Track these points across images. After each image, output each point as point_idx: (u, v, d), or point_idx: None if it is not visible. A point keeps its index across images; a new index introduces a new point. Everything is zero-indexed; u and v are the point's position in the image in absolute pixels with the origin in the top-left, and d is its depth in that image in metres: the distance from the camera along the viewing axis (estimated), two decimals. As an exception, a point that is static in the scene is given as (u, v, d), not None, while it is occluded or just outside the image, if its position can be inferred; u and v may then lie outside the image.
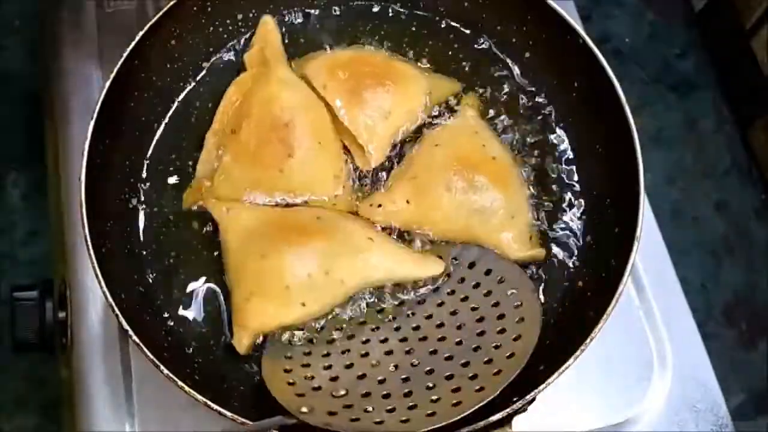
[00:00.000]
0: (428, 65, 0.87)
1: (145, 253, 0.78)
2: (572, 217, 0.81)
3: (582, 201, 0.81)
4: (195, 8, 0.82)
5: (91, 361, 0.81)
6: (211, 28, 0.84)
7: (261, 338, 0.73)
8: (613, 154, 0.79)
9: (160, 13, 0.78)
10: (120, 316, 0.68)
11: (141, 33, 0.77)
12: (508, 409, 0.67)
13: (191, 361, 0.72)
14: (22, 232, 1.17)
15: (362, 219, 0.79)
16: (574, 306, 0.76)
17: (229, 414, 0.65)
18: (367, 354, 0.72)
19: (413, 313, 0.75)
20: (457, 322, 0.73)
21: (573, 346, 0.69)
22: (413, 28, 0.89)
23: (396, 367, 0.71)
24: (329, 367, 0.71)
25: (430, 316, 0.74)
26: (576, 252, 0.79)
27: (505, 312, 0.72)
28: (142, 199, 0.80)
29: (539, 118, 0.85)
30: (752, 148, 1.29)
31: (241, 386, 0.73)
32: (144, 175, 0.81)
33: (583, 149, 0.82)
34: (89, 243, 0.70)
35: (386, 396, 0.68)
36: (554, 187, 0.82)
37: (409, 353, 0.71)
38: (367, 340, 0.73)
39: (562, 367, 0.68)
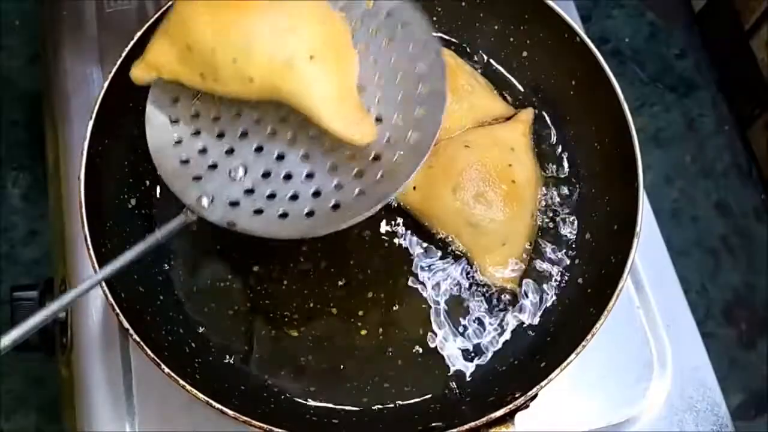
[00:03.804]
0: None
1: (145, 253, 0.78)
2: (571, 215, 0.81)
3: (581, 199, 0.81)
4: (195, 8, 0.82)
5: (91, 361, 0.81)
6: (211, 28, 0.84)
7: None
8: (613, 153, 0.79)
9: (159, 13, 0.78)
10: (120, 315, 0.68)
11: (139, 33, 0.77)
12: (510, 406, 0.67)
13: (191, 360, 0.72)
14: (22, 232, 1.17)
15: (339, 23, 0.67)
16: (574, 303, 0.77)
17: (230, 412, 0.65)
18: (259, 122, 0.68)
19: None
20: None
21: (574, 343, 0.69)
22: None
23: (294, 139, 0.67)
24: (222, 135, 0.68)
25: None
26: (575, 249, 0.80)
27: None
28: (142, 199, 0.80)
29: (537, 117, 0.85)
30: (752, 148, 1.29)
31: (241, 385, 0.73)
32: (144, 175, 0.81)
33: (583, 148, 0.82)
34: (89, 243, 0.70)
35: (288, 177, 0.66)
36: (552, 185, 0.82)
37: None
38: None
39: (564, 363, 0.68)
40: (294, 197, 0.65)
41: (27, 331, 0.59)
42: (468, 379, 0.75)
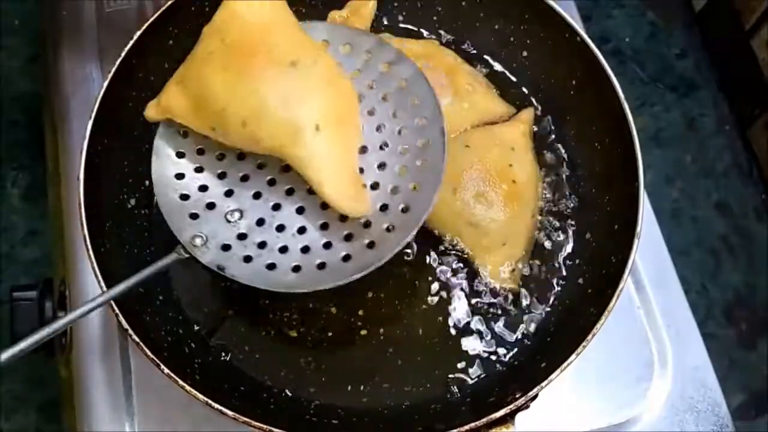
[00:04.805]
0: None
1: (145, 253, 0.78)
2: (571, 215, 0.81)
3: (581, 199, 0.81)
4: (192, 8, 0.82)
5: (91, 361, 0.81)
6: (210, 28, 0.84)
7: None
8: (613, 153, 0.79)
9: (158, 14, 0.78)
10: (120, 315, 0.68)
11: (138, 33, 0.77)
12: (511, 406, 0.67)
13: (191, 361, 0.72)
14: (22, 232, 1.17)
15: (348, 90, 0.68)
16: (574, 303, 0.76)
17: (230, 413, 0.65)
18: (261, 167, 0.70)
19: None
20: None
21: (575, 343, 0.69)
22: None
23: (291, 191, 0.68)
24: (223, 176, 0.70)
25: None
26: (576, 249, 0.80)
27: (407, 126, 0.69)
28: (141, 199, 0.80)
29: (538, 117, 0.85)
30: (752, 148, 1.29)
31: (241, 385, 0.73)
32: (143, 175, 0.81)
33: (583, 148, 0.82)
34: (88, 243, 0.70)
35: (280, 228, 0.67)
36: (552, 185, 0.82)
37: None
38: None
39: (565, 364, 0.68)
40: (283, 249, 0.67)
41: (26, 348, 0.59)
42: (468, 379, 0.75)
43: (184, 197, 0.69)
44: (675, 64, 1.35)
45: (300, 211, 0.68)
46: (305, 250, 0.67)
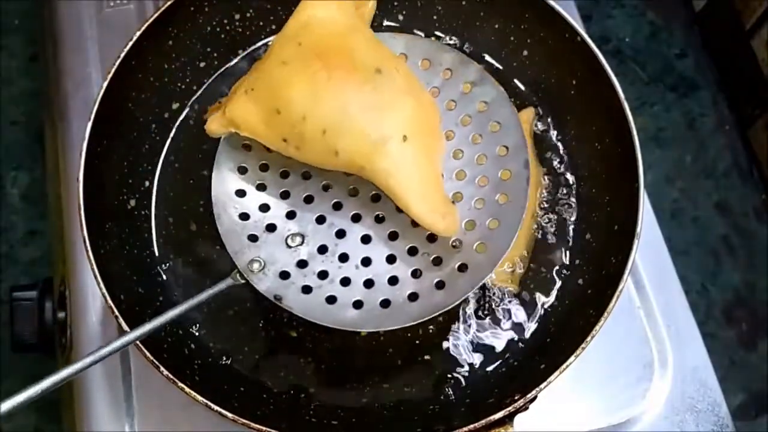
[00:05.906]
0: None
1: (145, 254, 0.78)
2: (571, 215, 0.81)
3: (581, 199, 0.81)
4: (192, 8, 0.82)
5: (91, 361, 0.81)
6: (209, 29, 0.84)
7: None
8: (612, 153, 0.79)
9: (157, 14, 0.78)
10: (120, 317, 0.68)
11: (137, 34, 0.77)
12: (510, 408, 0.67)
13: (191, 362, 0.72)
14: (22, 232, 1.17)
15: (431, 104, 0.64)
16: (574, 304, 0.76)
17: (230, 415, 0.65)
18: (327, 189, 0.65)
19: None
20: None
21: (574, 344, 0.69)
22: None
23: (357, 217, 0.64)
24: (286, 195, 0.65)
25: None
26: (576, 250, 0.79)
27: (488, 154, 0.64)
28: (142, 200, 0.80)
29: (538, 117, 0.85)
30: (752, 148, 1.29)
31: (241, 387, 0.73)
32: (143, 175, 0.81)
33: (583, 148, 0.82)
34: (88, 244, 0.69)
35: (343, 258, 0.63)
36: (552, 185, 0.82)
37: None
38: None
39: (564, 365, 0.68)
40: (345, 282, 0.63)
41: (32, 396, 0.58)
42: (467, 380, 0.75)
43: (244, 217, 0.65)
44: (675, 64, 1.35)
45: (366, 240, 0.64)
46: (369, 284, 0.62)
